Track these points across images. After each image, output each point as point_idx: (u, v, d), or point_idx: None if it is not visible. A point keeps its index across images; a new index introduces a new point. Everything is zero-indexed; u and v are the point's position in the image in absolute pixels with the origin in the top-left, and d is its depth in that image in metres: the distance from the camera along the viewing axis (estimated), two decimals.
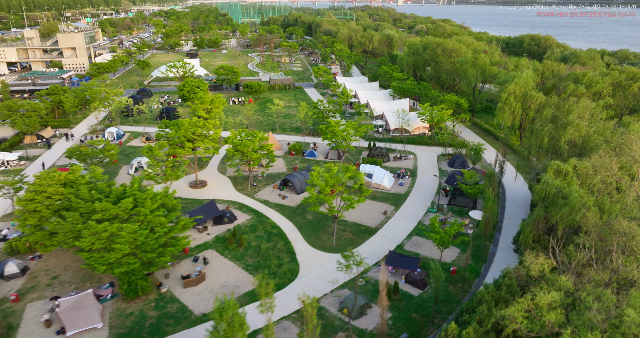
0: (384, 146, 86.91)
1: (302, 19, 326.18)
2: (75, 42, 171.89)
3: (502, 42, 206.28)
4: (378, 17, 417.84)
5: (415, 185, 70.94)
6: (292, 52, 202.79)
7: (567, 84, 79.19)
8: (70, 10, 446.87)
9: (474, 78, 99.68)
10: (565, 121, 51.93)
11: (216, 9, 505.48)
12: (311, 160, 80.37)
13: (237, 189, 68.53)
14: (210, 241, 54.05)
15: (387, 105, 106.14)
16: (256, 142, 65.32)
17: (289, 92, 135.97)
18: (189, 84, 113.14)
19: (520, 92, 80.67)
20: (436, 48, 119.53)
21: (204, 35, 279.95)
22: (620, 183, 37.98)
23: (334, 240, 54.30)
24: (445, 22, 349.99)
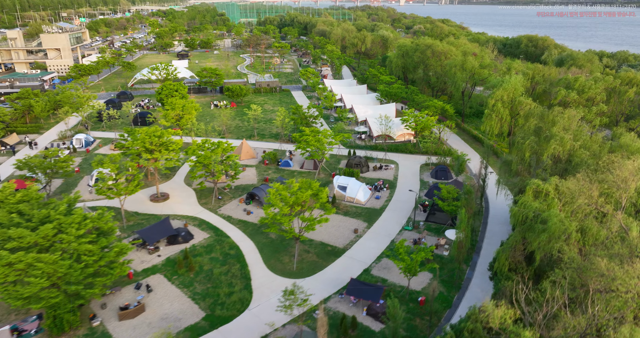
0: (364, 155, 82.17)
1: (298, 19, 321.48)
2: (59, 42, 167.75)
3: (499, 43, 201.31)
4: (377, 17, 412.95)
5: (393, 199, 66.15)
6: (283, 53, 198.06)
7: (558, 90, 74.26)
8: (66, 10, 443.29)
9: (462, 82, 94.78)
10: (548, 133, 47.11)
11: (214, 9, 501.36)
12: (285, 170, 75.69)
13: (200, 203, 63.89)
14: (159, 264, 49.43)
15: (372, 110, 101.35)
16: (218, 153, 60.67)
17: (274, 96, 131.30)
18: (167, 87, 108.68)
19: (508, 98, 75.81)
20: (426, 50, 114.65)
21: (197, 35, 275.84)
22: (601, 213, 33.27)
23: (295, 264, 49.58)
24: (445, 22, 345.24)
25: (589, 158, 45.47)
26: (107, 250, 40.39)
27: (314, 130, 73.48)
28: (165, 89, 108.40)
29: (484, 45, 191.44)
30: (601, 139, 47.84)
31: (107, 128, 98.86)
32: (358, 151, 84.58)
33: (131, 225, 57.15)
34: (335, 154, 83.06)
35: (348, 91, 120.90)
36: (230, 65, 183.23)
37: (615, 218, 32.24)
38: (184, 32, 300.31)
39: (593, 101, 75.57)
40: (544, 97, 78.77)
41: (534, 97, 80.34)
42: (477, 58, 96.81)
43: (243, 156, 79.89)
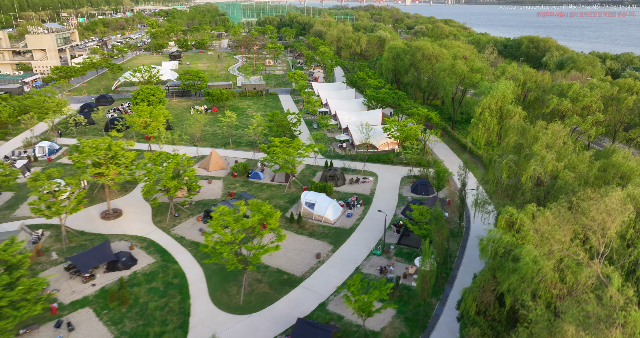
0: (343, 166, 76.63)
1: (297, 19, 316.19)
2: (44, 43, 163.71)
3: (500, 44, 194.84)
4: (379, 17, 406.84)
5: (366, 217, 60.56)
6: (277, 54, 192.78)
7: (550, 98, 68.32)
8: (66, 10, 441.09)
9: (451, 87, 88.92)
10: (529, 151, 41.43)
11: (216, 8, 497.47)
12: (254, 183, 70.32)
13: (154, 221, 58.67)
14: (92, 295, 44.24)
15: (357, 116, 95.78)
16: (169, 168, 55.39)
17: (260, 99, 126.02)
18: (144, 91, 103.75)
19: (496, 106, 69.99)
20: (416, 53, 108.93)
21: (194, 36, 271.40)
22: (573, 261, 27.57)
23: (242, 296, 44.21)
24: (447, 23, 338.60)
25: (574, 181, 39.69)
26: (7, 288, 35.16)
27: (285, 140, 68.06)
28: (141, 93, 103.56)
29: (484, 46, 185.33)
30: (589, 158, 41.99)
31: (79, 134, 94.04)
32: (337, 161, 79.07)
33: (72, 248, 52.08)
34: (311, 164, 77.64)
35: (336, 95, 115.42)
36: (221, 67, 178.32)
37: (591, 266, 26.59)
38: (181, 33, 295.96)
39: (589, 110, 69.56)
40: (536, 105, 72.86)
41: (525, 105, 74.45)
42: (468, 62, 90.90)
43: (212, 166, 74.69)
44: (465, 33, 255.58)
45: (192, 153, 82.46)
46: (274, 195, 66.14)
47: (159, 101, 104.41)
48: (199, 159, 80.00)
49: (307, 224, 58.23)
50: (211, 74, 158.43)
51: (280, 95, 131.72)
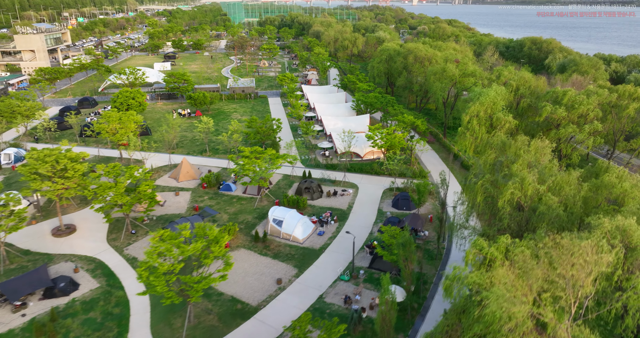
0: (322, 176, 71.79)
1: (298, 19, 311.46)
2: (33, 44, 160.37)
3: (502, 45, 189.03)
4: (382, 17, 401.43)
5: (340, 235, 55.70)
6: (273, 55, 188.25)
7: (543, 105, 62.99)
8: (68, 10, 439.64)
9: (441, 91, 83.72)
10: (507, 171, 36.42)
11: (219, 8, 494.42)
12: (225, 196, 65.67)
13: (109, 238, 54.18)
14: (18, 328, 39.76)
15: (343, 122, 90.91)
16: (122, 183, 50.86)
17: (248, 103, 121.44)
18: (123, 94, 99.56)
19: (485, 115, 64.85)
20: (408, 55, 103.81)
21: (192, 36, 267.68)
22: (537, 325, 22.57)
23: (185, 331, 39.50)
24: (451, 23, 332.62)
25: (559, 206, 34.59)
26: None
27: (257, 150, 63.33)
28: (120, 97, 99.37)
29: (485, 47, 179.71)
30: (577, 180, 36.87)
31: (52, 140, 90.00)
32: (317, 171, 74.26)
33: (11, 270, 47.70)
34: (289, 174, 72.86)
35: (325, 99, 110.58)
36: (213, 68, 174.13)
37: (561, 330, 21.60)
38: (180, 33, 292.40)
39: (586, 118, 64.18)
40: (529, 112, 67.57)
41: (517, 113, 69.17)
42: (460, 65, 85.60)
43: (182, 177, 70.15)
44: (468, 34, 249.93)
45: (164, 160, 78.09)
46: (243, 209, 61.45)
47: (138, 104, 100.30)
48: (171, 168, 75.58)
49: (273, 243, 53.46)
50: (200, 76, 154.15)
51: (270, 98, 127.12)
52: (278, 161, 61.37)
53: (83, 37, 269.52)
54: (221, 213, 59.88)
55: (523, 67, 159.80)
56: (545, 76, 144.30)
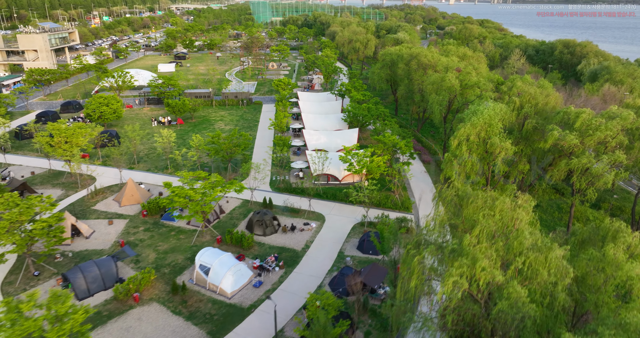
0: (285, 204, 61.39)
1: (320, 19, 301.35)
2: (36, 43, 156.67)
3: (531, 48, 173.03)
4: (411, 16, 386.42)
5: (281, 288, 45.27)
6: (283, 56, 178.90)
7: (550, 129, 50.44)
8: (99, 9, 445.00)
9: (438, 105, 71.71)
10: (456, 246, 25.05)
11: (247, 7, 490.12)
12: (165, 227, 56.24)
13: (5, 281, 45.61)
14: None
15: (327, 137, 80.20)
16: (16, 214, 42.06)
17: (239, 110, 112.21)
18: (96, 100, 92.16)
19: (478, 139, 52.86)
20: (410, 61, 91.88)
21: (210, 36, 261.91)
22: None
23: None
24: (483, 23, 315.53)
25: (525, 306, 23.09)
26: None
27: (201, 175, 53.61)
28: (93, 103, 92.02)
29: (512, 51, 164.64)
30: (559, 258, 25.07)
31: (18, 149, 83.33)
32: (282, 196, 63.97)
33: None
34: (249, 200, 62.82)
35: (317, 109, 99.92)
36: (219, 70, 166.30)
37: None
38: (200, 32, 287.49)
39: (605, 146, 51.24)
40: (535, 136, 54.98)
41: (522, 136, 56.62)
42: (462, 75, 73.16)
43: (125, 200, 61.25)
44: (498, 35, 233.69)
45: (115, 178, 69.55)
46: (177, 247, 51.85)
47: (112, 112, 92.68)
48: (121, 188, 66.92)
49: (194, 297, 43.50)
50: (200, 79, 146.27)
51: (265, 105, 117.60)
52: (217, 191, 51.28)
53: (102, 36, 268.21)
54: (148, 252, 50.46)
55: (551, 73, 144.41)
56: (575, 85, 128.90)
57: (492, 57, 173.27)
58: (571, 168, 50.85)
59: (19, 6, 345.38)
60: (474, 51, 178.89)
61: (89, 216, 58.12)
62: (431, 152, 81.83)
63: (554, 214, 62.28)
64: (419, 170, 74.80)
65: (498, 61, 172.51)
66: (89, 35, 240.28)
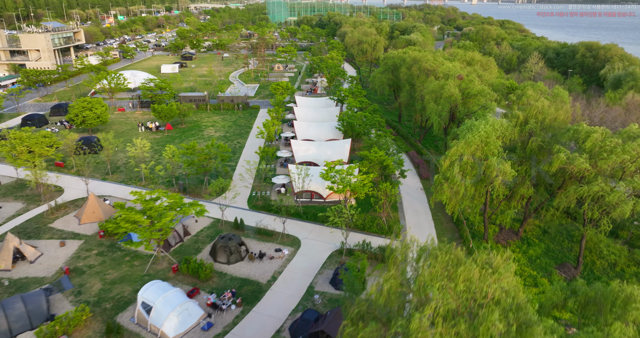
0: (257, 225, 55.28)
1: (334, 19, 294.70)
2: (38, 43, 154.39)
3: (551, 51, 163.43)
4: (430, 17, 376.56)
5: (233, 332, 39.11)
6: (290, 57, 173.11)
7: (557, 150, 43.10)
8: (117, 8, 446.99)
9: (437, 116, 64.64)
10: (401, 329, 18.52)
11: (264, 6, 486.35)
12: (120, 250, 50.70)
13: None
14: None
15: (316, 148, 73.85)
16: None
17: (233, 115, 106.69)
18: (79, 104, 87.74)
19: (473, 160, 45.85)
20: (412, 65, 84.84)
21: (221, 36, 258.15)
22: None
23: None
24: (503, 24, 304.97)
25: None
26: None
27: (160, 193, 47.90)
28: (77, 107, 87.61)
29: (531, 53, 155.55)
30: None
31: None
32: (255, 216, 57.90)
33: None
34: (220, 219, 56.92)
35: (313, 116, 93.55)
36: (223, 72, 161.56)
37: None
38: (212, 32, 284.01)
39: (623, 171, 43.70)
40: (541, 156, 47.67)
41: (525, 156, 49.32)
42: (464, 82, 65.90)
43: (85, 217, 56.00)
44: (517, 36, 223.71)
45: (82, 191, 64.49)
46: (127, 276, 46.19)
47: (96, 117, 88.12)
48: None
49: None
50: (199, 81, 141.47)
51: (263, 109, 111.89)
52: (169, 216, 45.30)
53: (114, 35, 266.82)
54: (93, 282, 44.91)
55: (571, 78, 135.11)
56: (597, 91, 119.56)
57: (508, 60, 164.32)
58: (581, 195, 43.50)
59: (37, 5, 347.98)
60: (490, 53, 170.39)
61: (42, 236, 53.06)
62: (431, 165, 74.77)
63: (563, 243, 54.71)
64: (415, 187, 67.88)
65: (515, 64, 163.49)
66: (99, 34, 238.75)
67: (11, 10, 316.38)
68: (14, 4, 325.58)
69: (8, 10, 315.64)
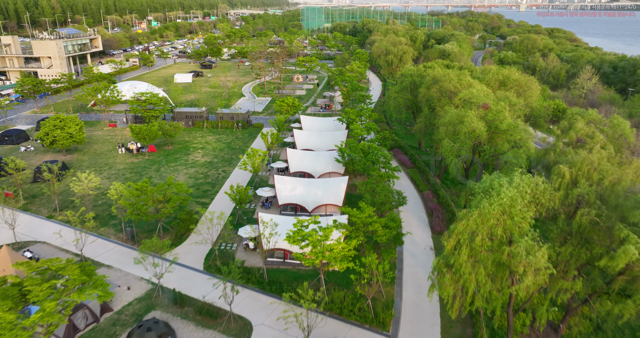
0: (203, 299, 42.03)
1: (368, 26, 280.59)
2: (49, 50, 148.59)
3: (607, 64, 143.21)
4: (471, 24, 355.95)
5: None
6: (311, 68, 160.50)
7: (624, 239, 27.65)
8: (155, 13, 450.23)
9: (453, 155, 49.54)
10: None
11: (298, 13, 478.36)
12: None
13: None
14: None
15: (304, 187, 60.10)
16: None
17: (231, 135, 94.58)
18: (50, 122, 77.91)
19: (491, 242, 30.91)
20: (431, 85, 69.85)
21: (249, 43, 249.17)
22: None
23: None
24: (552, 32, 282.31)
25: None
26: None
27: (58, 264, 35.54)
28: (47, 125, 77.82)
29: (582, 67, 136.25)
30: None
31: None
32: (208, 283, 44.70)
33: None
34: (162, 286, 44.09)
35: (315, 141, 79.80)
36: (241, 82, 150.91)
37: None
38: (240, 39, 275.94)
39: None
40: (596, 235, 32.08)
41: (570, 234, 33.68)
42: (490, 113, 50.43)
43: None
44: (567, 47, 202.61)
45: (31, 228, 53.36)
46: None
47: (69, 136, 78.04)
48: (21, 247, 50.61)
49: None
50: (208, 93, 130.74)
51: (267, 128, 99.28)
52: (78, 293, 32.73)
53: (141, 41, 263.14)
54: None
55: (632, 99, 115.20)
56: None
57: (556, 74, 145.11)
58: None
59: (75, 11, 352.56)
60: (535, 67, 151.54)
61: None
62: (449, 213, 59.50)
63: None
64: (424, 244, 52.90)
65: (564, 80, 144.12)
66: (124, 40, 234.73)
67: (49, 16, 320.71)
68: (52, 10, 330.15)
69: (46, 16, 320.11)
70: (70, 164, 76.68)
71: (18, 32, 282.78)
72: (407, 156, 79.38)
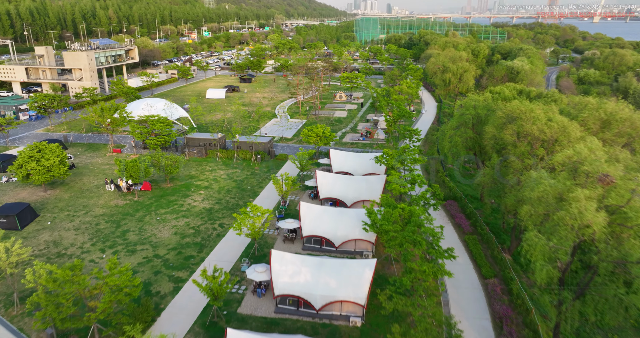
0: None
1: (426, 38, 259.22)
2: (80, 62, 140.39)
3: None
4: (541, 37, 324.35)
5: None
6: (355, 85, 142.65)
7: None
8: (209, 24, 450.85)
9: (545, 260, 29.75)
10: None
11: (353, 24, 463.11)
12: None
13: None
14: None
15: (312, 274, 41.82)
16: None
17: (247, 169, 78.22)
18: (26, 152, 64.89)
19: None
20: (506, 123, 49.72)
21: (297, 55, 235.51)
22: None
23: None
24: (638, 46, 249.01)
25: None
26: None
27: None
28: (22, 156, 64.81)
29: None
30: None
31: None
32: None
33: None
34: None
35: (341, 189, 61.48)
36: (278, 99, 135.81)
37: None
38: (288, 51, 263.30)
39: None
40: None
41: None
42: (613, 195, 30.09)
43: None
44: None
45: None
46: None
47: (46, 170, 64.59)
48: None
49: None
50: (236, 111, 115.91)
51: (291, 162, 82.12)
52: None
53: (187, 52, 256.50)
54: None
55: None
56: None
57: None
58: None
59: (131, 21, 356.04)
60: (627, 89, 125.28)
61: None
62: (528, 325, 39.03)
63: None
64: None
65: None
66: (168, 51, 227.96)
67: (105, 27, 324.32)
68: (108, 20, 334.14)
69: (102, 26, 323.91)
70: (43, 205, 63.03)
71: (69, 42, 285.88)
72: (464, 213, 59.31)
